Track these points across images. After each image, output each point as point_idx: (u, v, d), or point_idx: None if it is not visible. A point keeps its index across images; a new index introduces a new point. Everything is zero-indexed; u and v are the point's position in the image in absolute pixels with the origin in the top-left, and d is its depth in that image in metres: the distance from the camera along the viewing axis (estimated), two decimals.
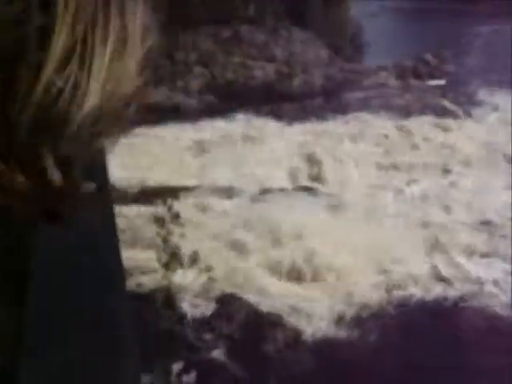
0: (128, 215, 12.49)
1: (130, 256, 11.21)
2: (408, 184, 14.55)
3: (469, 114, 18.64)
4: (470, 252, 12.10)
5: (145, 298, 11.01)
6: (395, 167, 15.36)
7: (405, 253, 11.94)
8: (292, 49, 23.56)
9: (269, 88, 20.88)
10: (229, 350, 10.31)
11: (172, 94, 20.41)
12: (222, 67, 21.92)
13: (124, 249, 9.72)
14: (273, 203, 13.08)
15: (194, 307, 10.90)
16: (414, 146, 16.43)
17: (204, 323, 10.77)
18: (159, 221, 11.73)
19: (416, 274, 11.50)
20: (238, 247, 11.77)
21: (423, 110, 18.74)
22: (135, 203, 13.35)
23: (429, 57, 23.33)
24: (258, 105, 19.33)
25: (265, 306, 10.86)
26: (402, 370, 9.81)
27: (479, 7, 34.69)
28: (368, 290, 11.14)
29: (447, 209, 13.38)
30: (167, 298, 11.01)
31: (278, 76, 21.60)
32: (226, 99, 19.92)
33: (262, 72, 21.76)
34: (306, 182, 14.64)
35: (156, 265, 11.22)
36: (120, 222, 12.14)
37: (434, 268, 11.67)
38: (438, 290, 11.30)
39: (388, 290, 11.18)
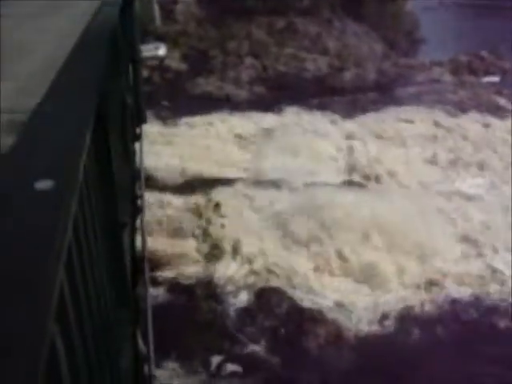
0: (171, 205, 12.44)
1: (170, 245, 11.17)
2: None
3: None
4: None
5: (186, 289, 10.93)
6: (449, 163, 15.01)
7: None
8: (345, 41, 23.30)
9: (320, 81, 20.67)
10: (270, 343, 10.17)
11: (223, 85, 20.34)
12: (274, 58, 21.78)
13: (165, 238, 9.66)
14: (319, 197, 12.84)
15: (235, 299, 10.77)
16: (467, 143, 16.03)
17: (245, 316, 10.64)
18: (201, 211, 11.65)
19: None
20: (282, 239, 11.60)
21: (477, 106, 18.32)
22: (180, 193, 13.27)
23: (485, 53, 22.84)
24: (309, 97, 19.10)
25: (307, 300, 10.68)
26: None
27: None
28: (414, 290, 10.88)
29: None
30: (208, 289, 10.90)
31: (330, 69, 21.38)
32: (277, 91, 19.77)
33: (314, 64, 21.56)
34: (353, 177, 14.37)
35: (197, 255, 11.13)
36: (162, 211, 12.11)
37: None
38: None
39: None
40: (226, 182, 13.84)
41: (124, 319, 3.37)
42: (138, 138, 6.46)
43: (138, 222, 6.56)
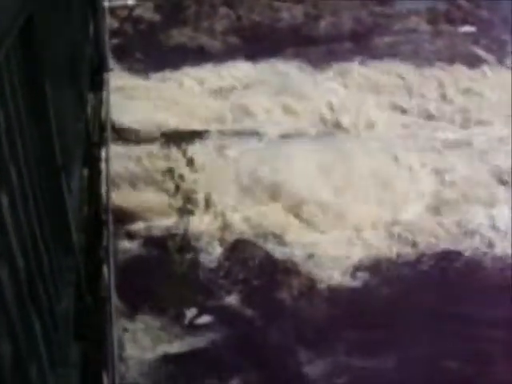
0: (143, 157, 12.28)
1: (143, 199, 11.06)
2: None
3: (502, 62, 17.99)
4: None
5: (158, 242, 10.86)
6: (420, 115, 14.92)
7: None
8: None
9: (295, 30, 20.38)
10: (243, 295, 10.17)
11: (197, 35, 19.99)
12: (248, 8, 21.42)
13: (137, 191, 9.56)
14: (292, 147, 12.73)
15: (208, 253, 10.72)
16: (442, 94, 15.91)
17: (219, 269, 10.61)
18: (173, 165, 11.52)
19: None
20: (254, 192, 11.51)
21: (454, 56, 18.16)
22: (152, 145, 13.09)
23: (462, 1, 22.58)
24: (284, 47, 18.82)
25: (280, 252, 10.66)
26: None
27: None
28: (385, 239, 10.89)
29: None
30: (181, 242, 10.84)
31: (306, 18, 21.06)
32: (252, 41, 19.48)
33: (289, 13, 21.24)
34: (328, 127, 14.25)
35: (170, 209, 11.04)
36: (135, 164, 11.97)
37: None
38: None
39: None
40: (200, 134, 13.66)
41: (67, 266, 3.35)
42: (99, 86, 6.28)
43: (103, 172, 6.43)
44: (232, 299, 10.09)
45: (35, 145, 2.67)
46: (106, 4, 10.33)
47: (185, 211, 11.08)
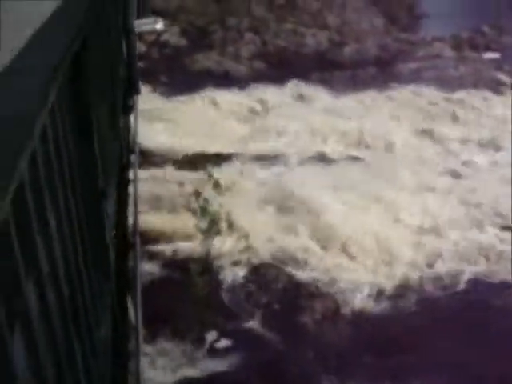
0: (168, 180, 12.38)
1: (167, 220, 11.12)
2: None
3: None
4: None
5: (181, 265, 10.89)
6: (444, 138, 14.92)
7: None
8: (346, 16, 23.11)
9: (320, 56, 20.51)
10: (265, 319, 10.14)
11: (222, 60, 20.19)
12: (274, 34, 21.61)
13: (162, 213, 9.61)
14: (317, 172, 12.78)
15: (230, 275, 10.73)
16: (465, 118, 15.92)
17: (241, 291, 10.60)
18: (199, 187, 11.60)
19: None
20: (278, 215, 11.54)
21: (477, 82, 18.20)
22: (179, 169, 13.21)
23: (486, 28, 22.63)
24: (309, 72, 18.95)
25: (303, 276, 10.65)
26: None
27: None
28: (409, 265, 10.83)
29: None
30: (205, 264, 10.87)
31: (330, 44, 21.20)
32: (277, 66, 19.62)
33: (314, 39, 21.38)
34: (351, 151, 14.28)
35: (194, 231, 11.08)
36: (160, 187, 12.06)
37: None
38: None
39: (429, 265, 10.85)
40: (225, 157, 13.76)
41: (106, 290, 3.33)
42: (130, 108, 6.38)
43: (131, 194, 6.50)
44: (254, 323, 10.08)
45: (80, 169, 2.68)
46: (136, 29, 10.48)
47: (209, 233, 11.13)
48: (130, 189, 6.57)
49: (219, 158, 13.60)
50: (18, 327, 1.42)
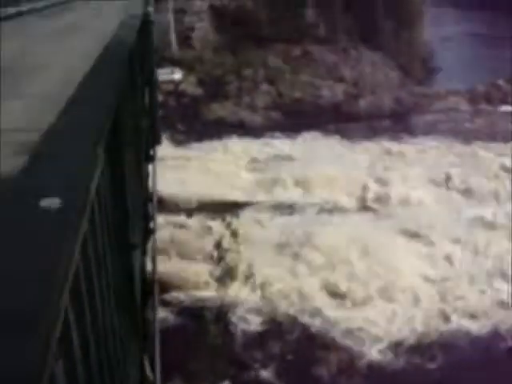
0: (186, 228, 12.44)
1: (184, 268, 11.13)
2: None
3: None
4: None
5: (196, 313, 10.87)
6: (461, 191, 14.94)
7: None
8: (361, 69, 23.37)
9: (336, 107, 20.70)
10: (279, 370, 10.07)
11: (238, 110, 20.41)
12: (290, 85, 21.84)
13: (179, 260, 9.60)
14: (334, 223, 12.81)
15: (244, 324, 10.69)
16: (483, 171, 15.96)
17: (255, 341, 10.55)
18: (215, 235, 11.64)
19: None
20: (293, 265, 11.54)
21: (493, 134, 18.32)
22: (194, 216, 13.27)
23: (501, 82, 22.84)
24: (324, 124, 19.14)
25: (318, 327, 10.59)
26: None
27: None
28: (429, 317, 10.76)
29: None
30: (219, 313, 10.84)
31: (346, 96, 21.40)
32: (292, 117, 19.81)
33: (330, 91, 21.60)
34: (368, 203, 14.32)
35: (210, 279, 11.09)
36: (178, 234, 12.10)
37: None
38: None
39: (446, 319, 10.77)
40: (242, 205, 13.84)
41: (133, 347, 3.28)
42: (151, 159, 6.47)
43: (150, 244, 6.53)
44: (267, 373, 10.00)
45: (113, 223, 2.67)
46: None
47: (224, 282, 11.12)
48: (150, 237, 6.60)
49: (236, 207, 13.68)
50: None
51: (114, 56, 4.33)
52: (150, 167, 7.40)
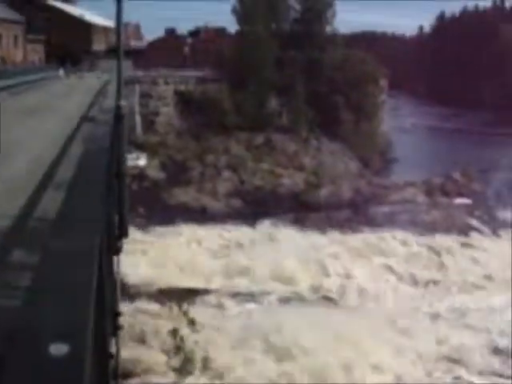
0: (142, 313, 12.34)
1: (138, 355, 10.98)
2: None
3: (496, 233, 18.70)
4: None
5: None
6: (420, 284, 15.20)
7: None
8: (321, 159, 23.85)
9: (296, 197, 21.00)
10: None
11: (199, 196, 20.59)
12: (252, 173, 22.12)
13: (133, 347, 9.46)
14: (291, 313, 12.85)
15: None
16: (440, 264, 16.31)
17: None
18: (173, 323, 11.57)
19: None
20: (253, 354, 11.49)
21: (450, 227, 18.80)
22: (152, 302, 13.22)
23: (457, 175, 23.48)
24: (284, 212, 19.45)
25: None
26: None
27: (509, 129, 35.14)
28: None
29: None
30: None
31: (306, 185, 21.74)
32: (253, 204, 20.05)
33: (290, 180, 21.93)
34: (325, 293, 14.44)
35: (166, 368, 10.95)
36: (133, 320, 11.98)
37: None
38: None
39: None
40: (200, 293, 13.86)
41: None
42: (117, 252, 6.53)
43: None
44: None
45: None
46: None
47: (181, 372, 10.98)
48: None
49: (193, 294, 13.70)
50: None
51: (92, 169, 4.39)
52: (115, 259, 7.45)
